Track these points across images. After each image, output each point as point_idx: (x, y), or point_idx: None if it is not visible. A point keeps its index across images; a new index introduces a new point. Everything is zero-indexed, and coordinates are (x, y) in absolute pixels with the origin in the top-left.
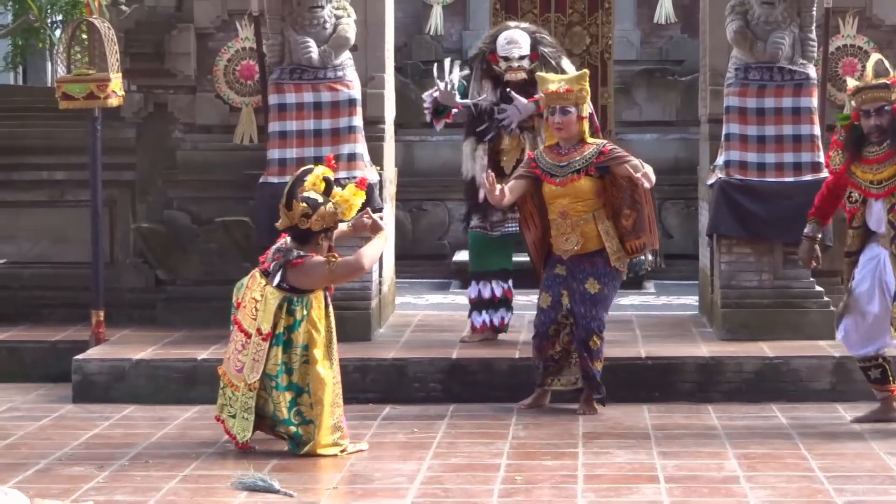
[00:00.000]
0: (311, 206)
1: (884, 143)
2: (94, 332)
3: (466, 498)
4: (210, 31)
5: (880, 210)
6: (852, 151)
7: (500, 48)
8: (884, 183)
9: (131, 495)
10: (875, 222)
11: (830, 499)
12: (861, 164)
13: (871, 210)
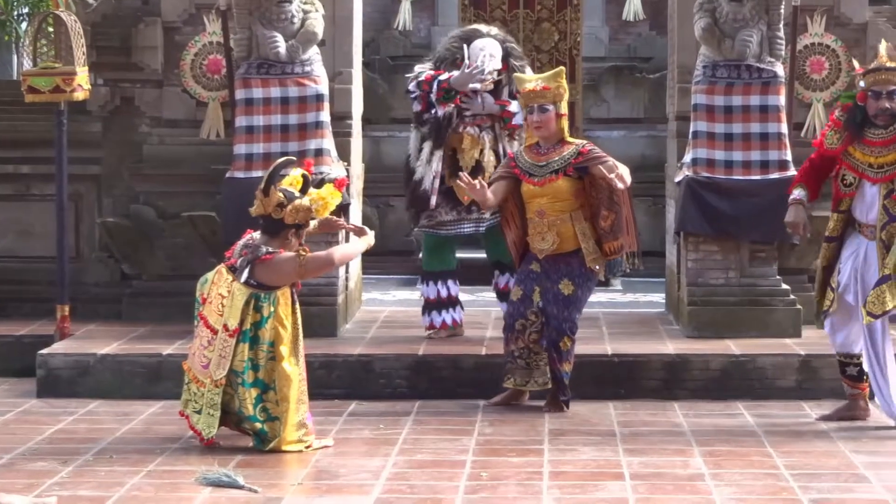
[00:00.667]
0: (287, 197)
1: (890, 128)
2: (58, 326)
3: (432, 494)
4: (177, 24)
5: (874, 195)
6: (853, 132)
7: (475, 56)
8: (885, 168)
9: (95, 490)
10: (864, 209)
11: (795, 496)
12: (862, 145)
13: (864, 195)
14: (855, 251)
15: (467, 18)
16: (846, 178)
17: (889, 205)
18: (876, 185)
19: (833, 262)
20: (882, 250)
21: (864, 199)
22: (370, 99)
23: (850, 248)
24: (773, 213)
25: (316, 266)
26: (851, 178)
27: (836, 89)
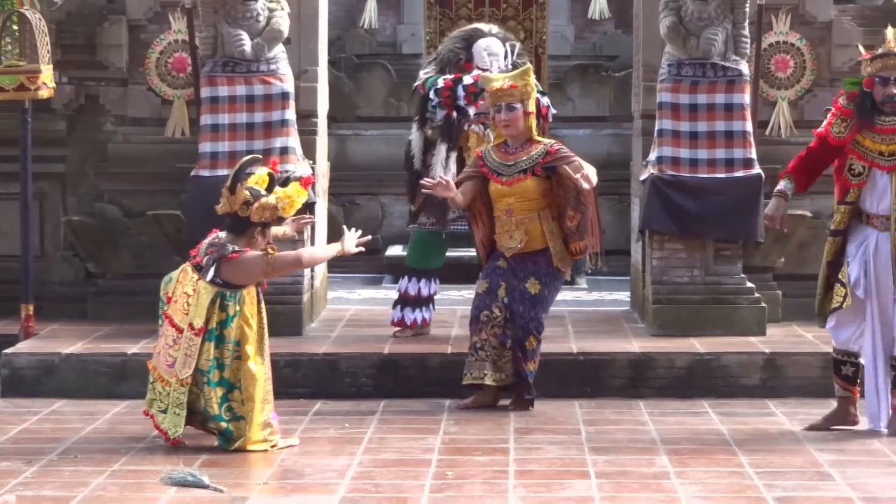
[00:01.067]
0: (253, 195)
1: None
2: (23, 325)
3: (397, 493)
4: (142, 22)
5: (886, 184)
6: (863, 119)
7: (479, 58)
8: (891, 155)
9: (59, 490)
10: (874, 199)
11: (760, 494)
12: (872, 133)
13: (875, 184)
14: (863, 243)
15: (433, 17)
16: (854, 168)
17: None
18: (888, 174)
19: (838, 256)
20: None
21: (875, 188)
22: (336, 97)
23: (856, 241)
24: (737, 212)
25: (283, 266)
26: (860, 168)
27: (801, 87)
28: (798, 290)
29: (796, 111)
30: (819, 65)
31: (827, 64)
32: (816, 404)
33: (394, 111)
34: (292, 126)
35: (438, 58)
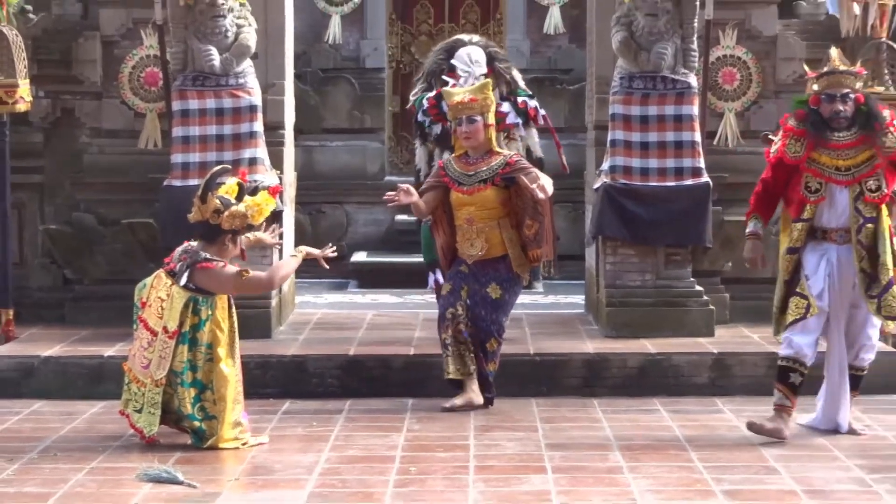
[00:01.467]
0: (224, 204)
1: (852, 129)
2: (3, 329)
3: (363, 488)
4: (115, 38)
5: (844, 199)
6: (817, 136)
7: (460, 65)
8: (852, 170)
9: (40, 487)
10: (832, 214)
11: (709, 488)
12: (827, 149)
13: (833, 200)
14: (823, 257)
15: (395, 32)
16: (811, 185)
17: (861, 206)
18: (846, 188)
19: (795, 273)
20: (860, 251)
21: (834, 204)
22: (302, 109)
23: (816, 255)
24: (687, 218)
25: (255, 286)
26: (817, 185)
27: (748, 99)
28: (745, 294)
29: (743, 122)
30: (764, 77)
31: (772, 76)
32: (763, 402)
33: (357, 123)
34: (260, 137)
35: (425, 72)
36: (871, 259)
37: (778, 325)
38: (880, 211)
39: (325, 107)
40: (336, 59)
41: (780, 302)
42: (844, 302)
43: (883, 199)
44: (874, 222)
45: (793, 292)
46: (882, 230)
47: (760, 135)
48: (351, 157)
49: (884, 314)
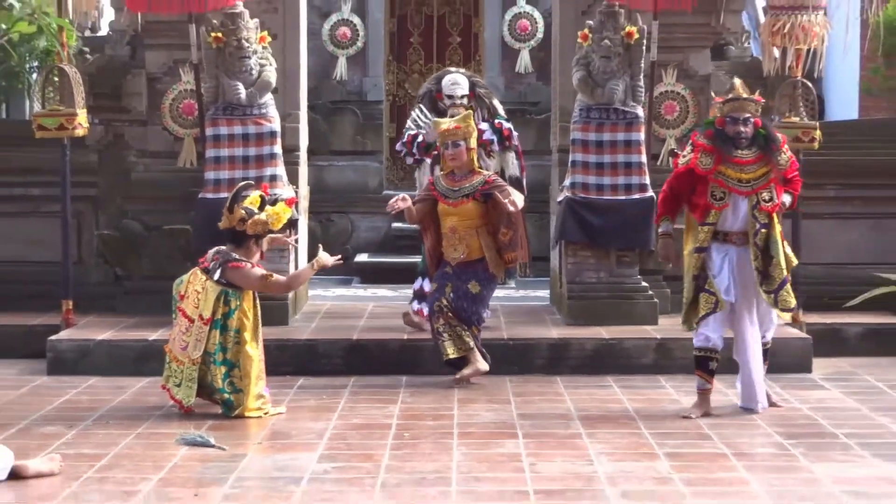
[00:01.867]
0: (248, 213)
1: (752, 148)
2: (64, 317)
3: (365, 451)
4: (158, 75)
5: (744, 207)
6: (725, 152)
7: (445, 88)
8: (752, 182)
9: (95, 449)
10: (733, 220)
11: (653, 451)
12: (731, 164)
13: (736, 207)
14: (726, 257)
15: (391, 71)
16: (716, 194)
17: (757, 214)
18: (746, 198)
19: (703, 270)
20: (756, 252)
21: (736, 210)
22: (314, 135)
23: (719, 255)
24: (634, 226)
25: (276, 288)
26: (721, 193)
27: (685, 127)
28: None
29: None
30: (699, 109)
31: (706, 109)
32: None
33: (360, 146)
34: (279, 158)
35: (420, 94)
36: (763, 259)
37: (687, 316)
38: (772, 218)
39: (333, 133)
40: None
41: (689, 295)
42: (748, 294)
43: (774, 208)
44: (767, 228)
45: (702, 288)
46: (774, 235)
47: (668, 150)
48: (354, 175)
49: (780, 307)
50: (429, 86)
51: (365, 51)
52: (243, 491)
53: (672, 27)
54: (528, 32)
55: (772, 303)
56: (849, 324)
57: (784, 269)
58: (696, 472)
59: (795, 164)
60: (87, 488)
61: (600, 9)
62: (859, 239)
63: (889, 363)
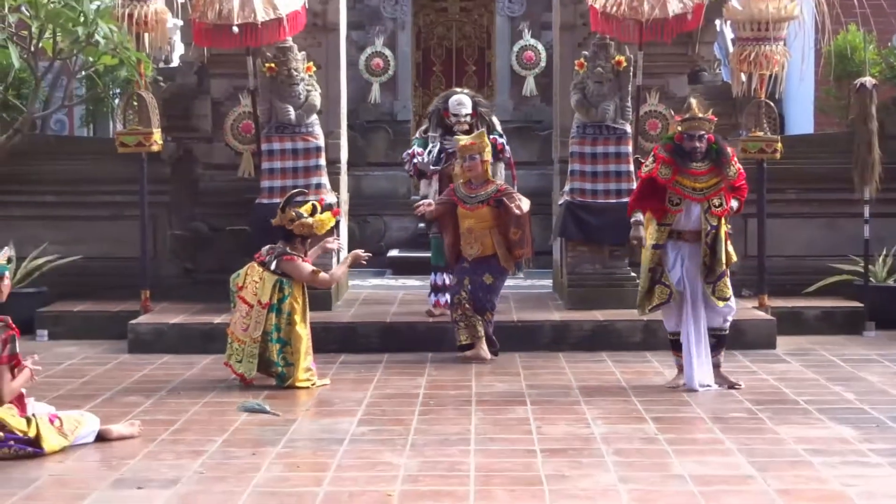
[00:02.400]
0: (297, 216)
1: (705, 160)
2: (142, 305)
3: (396, 416)
4: (221, 100)
5: (697, 211)
6: (680, 164)
7: (452, 108)
8: (704, 190)
9: (168, 416)
10: (687, 221)
11: (641, 415)
12: (686, 174)
13: (690, 211)
14: (678, 253)
15: (417, 95)
16: (673, 199)
17: (708, 217)
18: (699, 204)
19: (658, 264)
20: (705, 249)
21: (689, 214)
22: (352, 149)
23: (673, 252)
24: (623, 226)
25: (322, 283)
26: (678, 199)
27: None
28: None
29: None
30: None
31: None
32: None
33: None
34: (323, 169)
35: (429, 112)
36: (711, 255)
37: (641, 302)
38: (720, 221)
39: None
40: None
41: (646, 284)
42: (695, 286)
43: (723, 212)
44: (716, 229)
45: (658, 281)
46: (720, 235)
47: (633, 158)
48: (387, 183)
49: (716, 296)
50: (437, 104)
51: (395, 78)
52: (294, 450)
53: (654, 56)
54: (533, 62)
55: (710, 292)
56: (807, 307)
57: (723, 264)
58: (678, 433)
59: (742, 174)
60: (162, 448)
61: (594, 41)
62: (816, 235)
63: (842, 340)
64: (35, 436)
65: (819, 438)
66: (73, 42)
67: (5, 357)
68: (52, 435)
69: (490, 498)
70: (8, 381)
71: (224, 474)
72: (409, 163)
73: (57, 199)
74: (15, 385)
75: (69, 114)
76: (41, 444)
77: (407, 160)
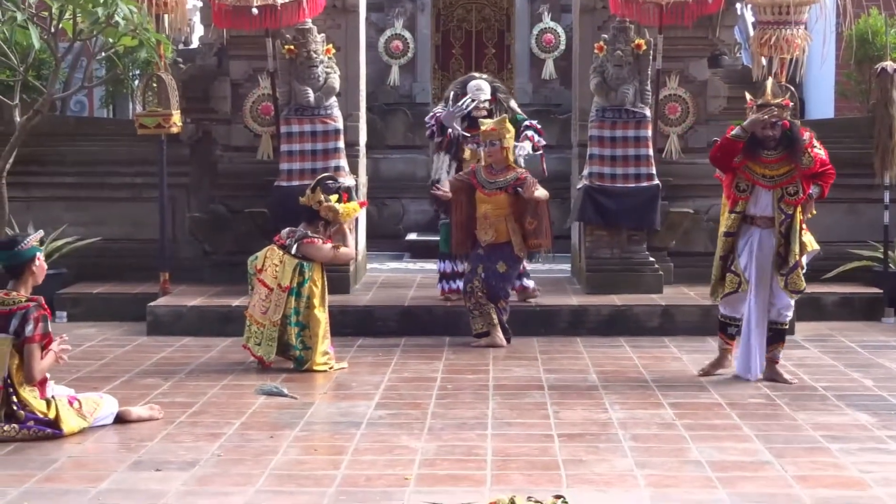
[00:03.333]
0: (325, 198)
1: (778, 148)
2: (161, 287)
3: (414, 400)
4: (240, 82)
5: (768, 199)
6: (750, 154)
7: (471, 92)
8: (775, 178)
9: (187, 398)
10: (758, 207)
11: (659, 400)
12: (757, 161)
13: (758, 198)
14: (749, 239)
15: (436, 77)
16: (740, 185)
17: (783, 206)
18: (769, 192)
19: (729, 252)
20: (780, 239)
21: (758, 201)
22: (371, 132)
23: (744, 238)
24: (642, 210)
25: (343, 257)
26: (745, 185)
27: (686, 125)
28: (684, 263)
29: (682, 141)
30: (698, 110)
31: (703, 109)
32: (696, 340)
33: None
34: (342, 152)
35: (445, 97)
36: (784, 245)
37: (714, 290)
38: (796, 209)
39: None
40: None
41: (717, 272)
42: (765, 274)
43: (799, 200)
44: (791, 218)
45: (728, 269)
46: (795, 224)
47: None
48: (405, 166)
49: (789, 289)
50: (455, 90)
51: (414, 60)
52: (311, 433)
53: (674, 40)
54: (552, 45)
55: (783, 284)
56: (826, 293)
57: (797, 254)
58: (695, 418)
59: (822, 160)
60: (180, 430)
61: (613, 24)
62: (836, 221)
63: (861, 326)
64: (55, 417)
65: (837, 425)
66: (93, 23)
67: (38, 335)
68: (71, 416)
69: (507, 482)
70: (38, 360)
71: (241, 457)
72: (430, 123)
73: (76, 181)
74: (44, 365)
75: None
76: (60, 425)
77: (429, 122)
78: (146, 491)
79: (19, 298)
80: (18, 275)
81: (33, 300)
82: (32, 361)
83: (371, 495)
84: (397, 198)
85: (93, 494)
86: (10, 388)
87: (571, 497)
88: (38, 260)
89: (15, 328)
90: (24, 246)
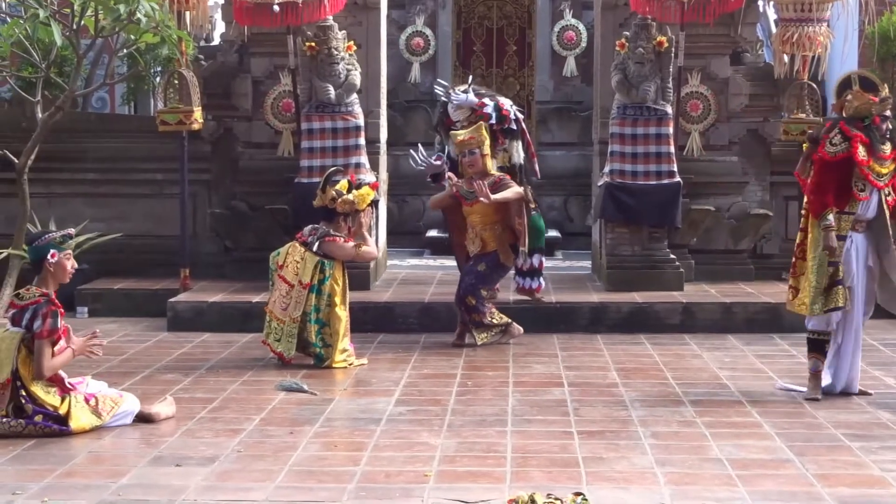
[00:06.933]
0: (338, 194)
1: (886, 144)
2: (182, 283)
3: (434, 396)
4: (261, 78)
5: (878, 199)
6: (875, 149)
7: (452, 115)
8: (885, 177)
9: (207, 393)
10: (867, 210)
11: (679, 398)
12: (878, 158)
13: (872, 199)
14: (853, 244)
15: (457, 74)
16: (859, 185)
17: (884, 205)
18: (880, 191)
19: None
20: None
21: (871, 202)
22: (392, 129)
23: (846, 243)
24: (664, 207)
25: (366, 256)
26: (863, 185)
27: (707, 122)
28: (704, 260)
29: (704, 139)
30: (719, 107)
31: (725, 106)
32: (716, 338)
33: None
34: (363, 149)
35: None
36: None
37: (815, 300)
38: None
39: (408, 127)
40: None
41: (823, 281)
42: (863, 280)
43: (893, 202)
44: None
45: (837, 281)
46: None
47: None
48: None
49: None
50: (439, 114)
51: (435, 58)
52: (331, 429)
53: (696, 37)
54: (573, 42)
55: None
56: None
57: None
58: (715, 416)
59: None
60: (200, 426)
61: (635, 22)
62: None
63: (883, 324)
64: (65, 413)
65: (858, 423)
66: (114, 20)
67: (45, 332)
68: (83, 414)
69: (526, 479)
70: (48, 357)
71: (261, 453)
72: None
73: (98, 177)
74: (56, 362)
75: (110, 91)
76: (68, 422)
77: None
78: (166, 486)
79: (34, 293)
80: (38, 270)
81: (45, 295)
82: (41, 357)
83: (390, 492)
84: (418, 195)
85: (113, 489)
86: (19, 382)
87: (591, 494)
88: (54, 257)
89: (26, 323)
90: (41, 242)
